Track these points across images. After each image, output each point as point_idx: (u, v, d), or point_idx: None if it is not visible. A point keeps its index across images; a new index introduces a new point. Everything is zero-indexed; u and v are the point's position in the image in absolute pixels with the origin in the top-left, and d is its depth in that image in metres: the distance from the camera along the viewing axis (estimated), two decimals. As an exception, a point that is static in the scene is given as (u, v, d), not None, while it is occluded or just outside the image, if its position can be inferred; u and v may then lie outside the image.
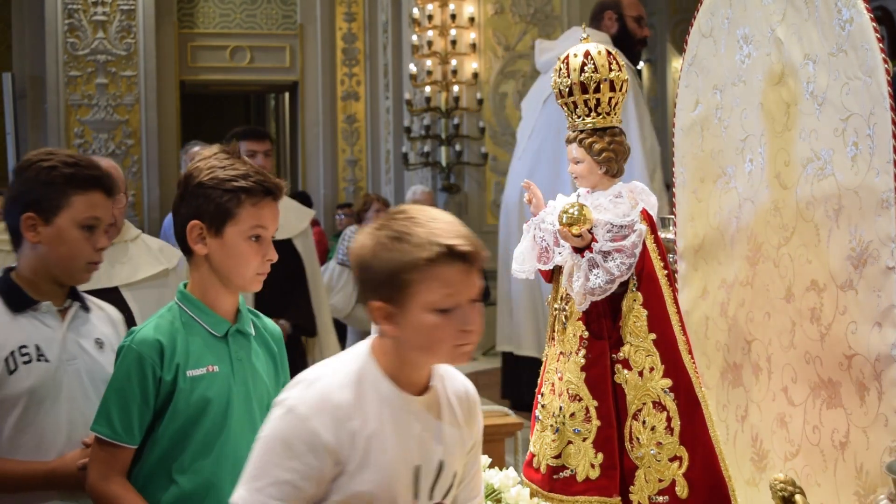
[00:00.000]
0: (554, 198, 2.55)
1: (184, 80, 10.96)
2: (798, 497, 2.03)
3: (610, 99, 2.43)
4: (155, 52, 10.38)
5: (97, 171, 2.39)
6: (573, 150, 2.48)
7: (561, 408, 2.42)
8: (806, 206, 2.41)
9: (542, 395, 2.51)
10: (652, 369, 2.37)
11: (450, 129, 9.15)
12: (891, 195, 2.12)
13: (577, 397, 2.40)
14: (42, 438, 2.27)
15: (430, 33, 9.15)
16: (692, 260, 2.96)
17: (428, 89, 9.19)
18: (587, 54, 2.42)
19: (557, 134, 5.64)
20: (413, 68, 9.34)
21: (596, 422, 2.38)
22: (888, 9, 8.84)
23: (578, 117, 2.46)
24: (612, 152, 2.44)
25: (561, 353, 2.46)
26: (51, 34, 10.08)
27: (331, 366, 1.86)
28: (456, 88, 9.07)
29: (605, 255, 2.37)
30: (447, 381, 1.92)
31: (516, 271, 2.57)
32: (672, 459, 2.35)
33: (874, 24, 2.19)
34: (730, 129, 2.76)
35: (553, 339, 2.50)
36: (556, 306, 2.50)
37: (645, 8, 6.33)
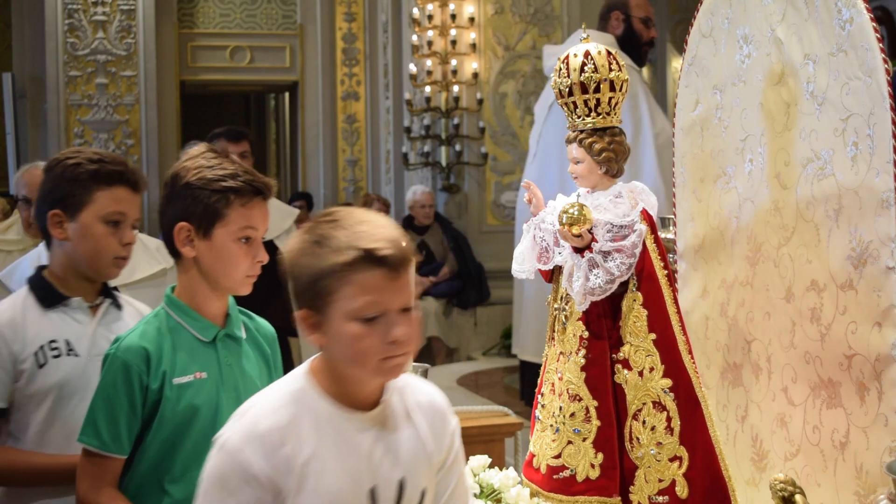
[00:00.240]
0: (563, 200, 2.55)
1: (184, 80, 10.95)
2: (798, 497, 2.03)
3: (610, 99, 2.43)
4: (155, 52, 10.38)
5: (122, 166, 2.40)
6: (573, 150, 2.49)
7: (561, 408, 2.42)
8: (806, 206, 2.41)
9: (542, 395, 2.51)
10: (652, 369, 2.37)
11: (450, 129, 9.14)
12: (891, 195, 2.12)
13: (577, 397, 2.40)
14: (71, 432, 2.25)
15: (430, 33, 9.15)
16: (692, 260, 2.96)
17: (428, 89, 9.18)
18: (587, 54, 2.42)
19: (564, 137, 5.60)
20: (413, 68, 9.34)
21: (596, 422, 2.38)
22: (888, 9, 8.84)
23: (578, 117, 2.47)
24: (612, 152, 2.44)
25: (561, 353, 2.46)
26: (51, 34, 10.08)
27: (266, 391, 1.77)
28: (456, 88, 9.06)
29: (605, 255, 2.36)
30: (407, 393, 1.80)
31: (516, 271, 2.57)
32: (672, 459, 2.34)
33: (874, 24, 2.19)
34: (730, 129, 2.75)
35: (553, 339, 2.50)
36: (555, 306, 2.50)
37: (647, 8, 6.32)
